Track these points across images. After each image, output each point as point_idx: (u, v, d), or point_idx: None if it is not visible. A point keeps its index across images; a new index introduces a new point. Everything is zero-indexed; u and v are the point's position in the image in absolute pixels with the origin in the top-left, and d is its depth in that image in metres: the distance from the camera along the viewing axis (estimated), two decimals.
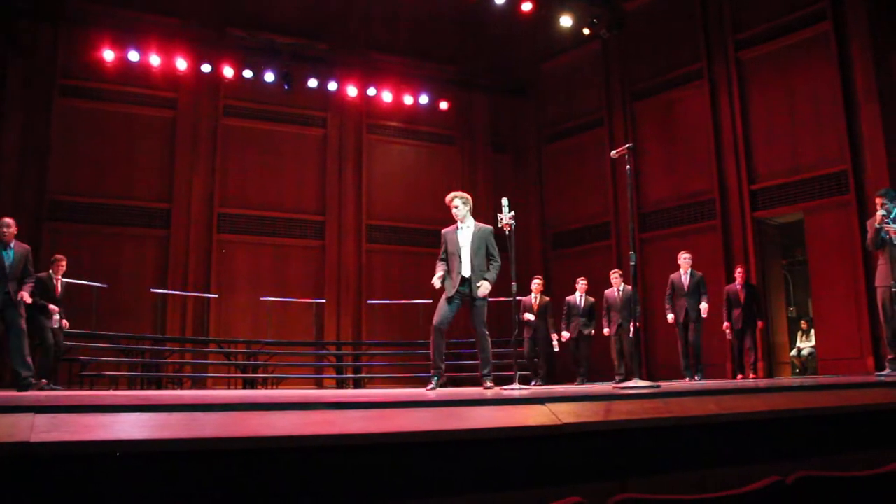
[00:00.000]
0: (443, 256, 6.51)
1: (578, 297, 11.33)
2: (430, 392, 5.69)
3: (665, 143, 14.51)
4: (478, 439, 2.96)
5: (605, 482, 3.13)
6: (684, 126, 14.22)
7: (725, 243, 13.21)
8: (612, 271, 11.37)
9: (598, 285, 11.51)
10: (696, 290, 9.99)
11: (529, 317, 11.04)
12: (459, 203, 6.54)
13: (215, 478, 2.47)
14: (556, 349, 11.28)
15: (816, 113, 12.27)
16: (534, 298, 11.24)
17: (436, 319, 6.33)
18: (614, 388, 5.48)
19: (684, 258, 10.25)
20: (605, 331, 11.04)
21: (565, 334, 11.18)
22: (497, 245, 6.48)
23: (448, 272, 6.42)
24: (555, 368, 11.80)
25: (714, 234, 13.42)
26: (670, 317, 10.19)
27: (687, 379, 9.81)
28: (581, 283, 11.38)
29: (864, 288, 11.33)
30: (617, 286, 10.98)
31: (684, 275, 10.16)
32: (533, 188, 16.82)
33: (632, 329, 9.48)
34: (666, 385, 6.13)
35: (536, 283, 11.29)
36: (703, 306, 9.89)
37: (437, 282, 6.39)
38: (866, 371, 10.85)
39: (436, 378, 6.30)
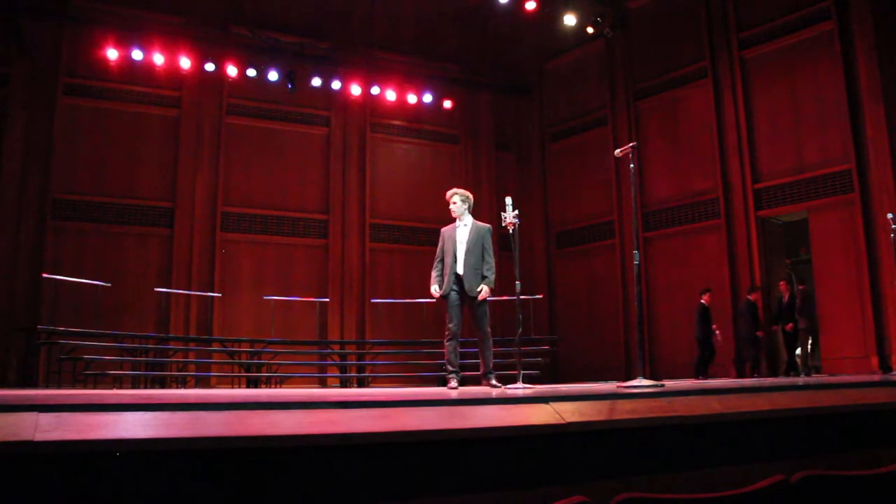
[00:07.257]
0: (440, 257, 6.46)
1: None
2: (453, 391, 5.63)
3: (669, 141, 14.50)
4: (482, 438, 2.95)
5: (609, 481, 3.12)
6: (688, 125, 14.20)
7: (729, 242, 13.20)
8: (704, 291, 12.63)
9: (599, 285, 11.45)
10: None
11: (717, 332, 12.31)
12: (458, 200, 6.47)
13: (219, 477, 2.47)
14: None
15: (820, 112, 12.25)
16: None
17: (453, 324, 6.28)
18: (618, 387, 5.47)
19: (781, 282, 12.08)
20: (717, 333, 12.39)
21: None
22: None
23: (442, 272, 6.40)
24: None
25: (718, 233, 13.41)
26: None
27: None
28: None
29: (868, 287, 11.32)
30: (707, 301, 12.42)
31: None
32: (536, 187, 16.82)
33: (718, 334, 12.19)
34: (670, 384, 6.13)
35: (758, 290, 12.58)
36: None
37: (435, 290, 6.39)
38: (871, 370, 10.84)
39: (455, 375, 6.25)
